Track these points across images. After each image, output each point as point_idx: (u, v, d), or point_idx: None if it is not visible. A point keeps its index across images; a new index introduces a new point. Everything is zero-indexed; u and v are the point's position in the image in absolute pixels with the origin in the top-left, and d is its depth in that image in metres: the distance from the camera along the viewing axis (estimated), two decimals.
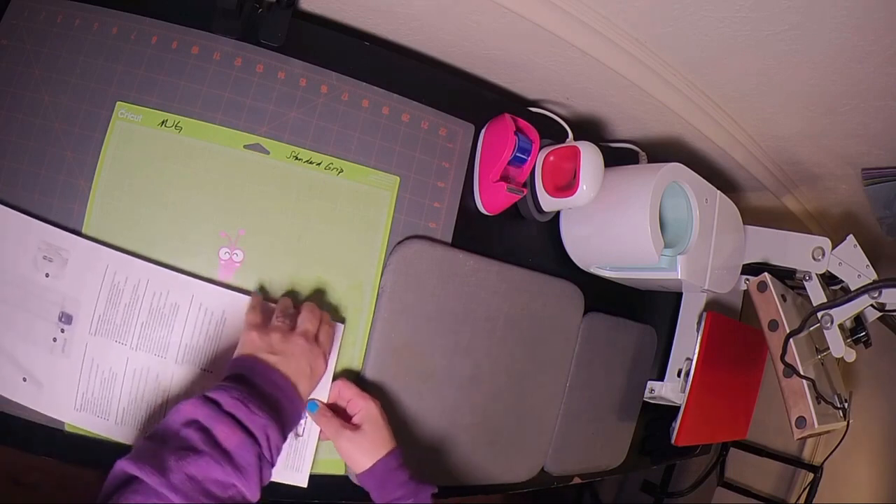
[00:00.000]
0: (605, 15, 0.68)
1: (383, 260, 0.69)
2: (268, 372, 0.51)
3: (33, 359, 0.57)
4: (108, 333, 0.57)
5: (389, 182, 0.70)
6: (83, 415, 0.57)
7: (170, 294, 0.58)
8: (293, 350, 0.53)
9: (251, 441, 0.46)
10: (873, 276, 0.82)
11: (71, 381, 0.57)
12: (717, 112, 0.87)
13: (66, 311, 0.57)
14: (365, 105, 0.69)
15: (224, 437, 0.44)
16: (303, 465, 0.63)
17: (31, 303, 0.56)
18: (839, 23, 0.60)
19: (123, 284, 0.57)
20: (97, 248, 0.57)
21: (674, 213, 0.81)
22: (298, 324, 0.57)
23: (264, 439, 0.47)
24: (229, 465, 0.43)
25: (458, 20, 0.70)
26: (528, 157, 0.72)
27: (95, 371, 0.57)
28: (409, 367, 0.70)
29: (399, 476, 0.59)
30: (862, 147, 0.88)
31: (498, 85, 0.89)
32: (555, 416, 0.85)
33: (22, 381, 0.56)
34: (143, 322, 0.58)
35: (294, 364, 0.53)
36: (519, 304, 0.79)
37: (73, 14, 0.61)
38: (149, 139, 0.60)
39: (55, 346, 0.57)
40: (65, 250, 0.56)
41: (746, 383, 1.10)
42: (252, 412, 0.46)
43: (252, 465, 0.45)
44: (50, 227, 0.57)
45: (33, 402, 0.57)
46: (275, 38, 0.64)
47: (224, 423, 0.45)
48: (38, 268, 0.56)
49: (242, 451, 0.45)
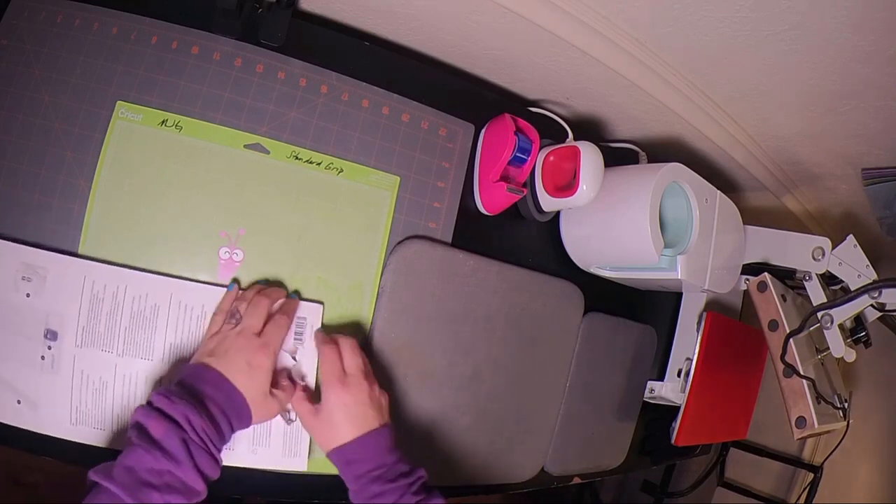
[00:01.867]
0: (605, 15, 0.68)
1: (383, 260, 0.69)
2: (199, 371, 0.54)
3: (25, 380, 0.57)
4: (94, 344, 0.57)
5: (390, 182, 0.70)
6: (80, 429, 0.57)
7: (149, 296, 0.58)
8: (226, 348, 0.55)
9: (175, 427, 0.49)
10: (873, 276, 0.82)
11: (63, 396, 0.57)
12: (717, 112, 0.87)
13: (50, 328, 0.57)
14: (365, 105, 0.69)
15: (153, 429, 0.48)
16: (300, 449, 0.63)
17: (16, 324, 0.56)
18: (839, 23, 0.60)
19: (103, 293, 0.57)
20: (73, 262, 0.57)
21: (674, 213, 0.81)
22: (242, 321, 0.58)
23: (186, 423, 0.49)
24: (158, 452, 0.47)
25: (458, 20, 0.70)
26: (528, 157, 0.72)
27: (86, 383, 0.57)
28: (408, 367, 0.70)
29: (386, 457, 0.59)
30: (862, 147, 0.88)
31: (498, 85, 0.89)
32: (555, 416, 0.85)
33: (17, 403, 0.57)
34: (126, 327, 0.58)
35: (226, 360, 0.55)
36: (519, 304, 0.79)
37: (73, 14, 0.61)
38: (149, 139, 0.60)
39: (44, 364, 0.57)
40: (42, 268, 0.56)
41: (746, 383, 1.10)
42: (172, 402, 0.50)
43: (179, 450, 0.48)
44: (25, 248, 0.56)
45: (33, 424, 0.57)
46: (275, 38, 0.64)
47: (152, 417, 0.49)
48: (18, 289, 0.56)
49: (168, 438, 0.48)
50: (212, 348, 0.56)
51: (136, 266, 0.59)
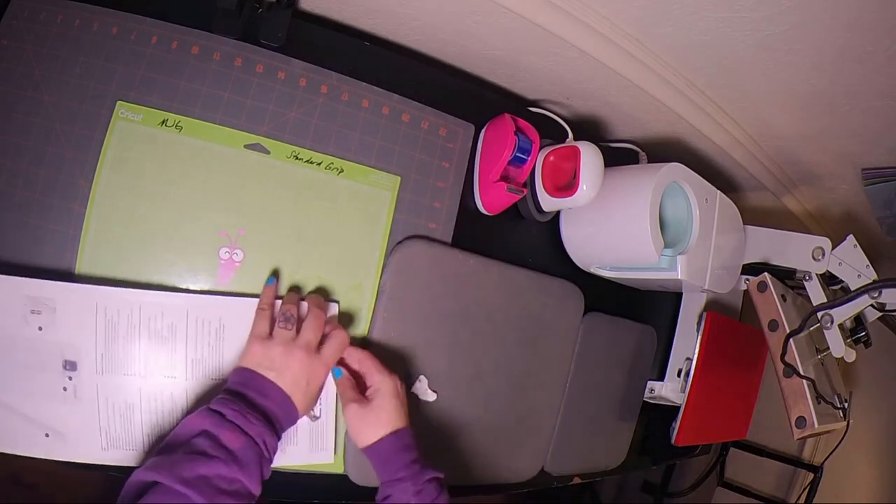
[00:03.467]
0: (605, 15, 0.68)
1: (383, 260, 0.69)
2: (265, 386, 0.55)
3: (50, 413, 0.56)
4: (115, 369, 0.57)
5: (390, 182, 0.70)
6: (112, 453, 0.57)
7: (164, 315, 0.58)
8: (291, 364, 0.56)
9: (252, 443, 0.51)
10: (873, 276, 0.82)
11: (91, 424, 0.57)
12: (717, 112, 0.87)
13: (68, 359, 0.56)
14: (365, 105, 0.69)
15: (229, 441, 0.50)
16: (326, 443, 0.65)
17: (32, 359, 0.55)
18: (839, 23, 0.60)
19: (117, 318, 0.57)
20: (82, 288, 0.56)
21: (674, 213, 0.81)
22: (301, 333, 0.58)
23: (262, 444, 0.52)
24: (234, 464, 0.49)
25: (458, 20, 0.70)
26: (528, 157, 0.72)
27: (112, 408, 0.57)
28: (408, 367, 0.70)
29: (404, 457, 0.59)
30: (862, 147, 0.88)
31: (498, 85, 0.89)
32: (555, 416, 0.85)
33: (45, 437, 0.56)
34: (146, 349, 0.58)
35: (290, 377, 0.55)
36: (519, 304, 0.79)
37: (73, 14, 0.61)
38: (149, 139, 0.60)
39: (67, 395, 0.56)
40: (50, 299, 0.55)
41: (746, 383, 1.10)
42: (250, 422, 0.51)
43: (254, 463, 0.51)
44: (27, 280, 0.55)
45: (65, 455, 0.57)
46: (275, 38, 0.64)
47: (229, 429, 0.50)
48: (29, 322, 0.55)
49: (245, 451, 0.50)
50: (272, 358, 0.55)
51: (131, 270, 0.59)
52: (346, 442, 0.67)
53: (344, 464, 0.67)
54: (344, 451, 0.67)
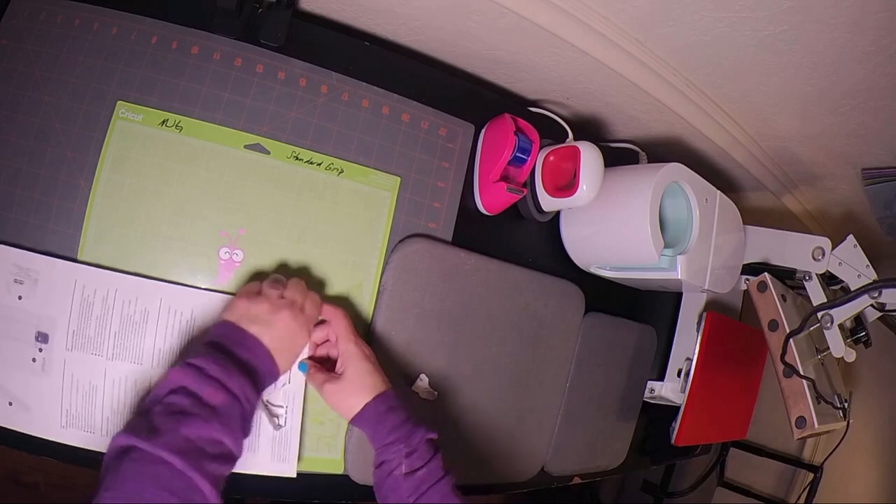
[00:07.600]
0: (605, 15, 0.68)
1: (383, 260, 0.69)
2: (247, 340, 0.53)
3: (16, 382, 0.57)
4: (84, 347, 0.57)
5: (390, 182, 0.70)
6: (69, 431, 0.57)
7: (139, 301, 0.58)
8: (277, 322, 0.55)
9: (234, 400, 0.50)
10: (873, 276, 0.82)
11: (54, 399, 0.57)
12: (717, 112, 0.87)
13: (41, 331, 0.57)
14: (365, 105, 0.69)
15: (210, 396, 0.48)
16: (289, 454, 0.63)
17: (8, 326, 0.56)
18: (840, 23, 0.60)
19: (93, 297, 0.57)
20: (64, 265, 0.57)
21: (674, 213, 0.81)
22: (286, 294, 0.58)
23: (245, 400, 0.50)
24: (216, 422, 0.48)
25: (458, 20, 0.70)
26: (528, 157, 0.72)
27: (76, 386, 0.57)
28: (408, 366, 0.70)
29: (391, 419, 0.58)
30: (862, 147, 0.88)
31: (498, 85, 0.89)
32: (555, 416, 0.85)
33: (8, 405, 0.57)
34: (116, 331, 0.58)
35: (275, 333, 0.55)
36: (519, 303, 0.79)
37: (73, 14, 0.61)
38: (149, 139, 0.60)
39: (35, 367, 0.57)
40: (34, 271, 0.56)
41: (746, 383, 1.10)
42: (230, 374, 0.50)
43: (236, 420, 0.49)
44: (16, 250, 0.56)
45: (24, 426, 0.57)
46: (275, 38, 0.64)
47: (210, 385, 0.49)
48: (11, 291, 0.56)
49: (227, 408, 0.49)
50: (256, 313, 0.55)
51: (131, 270, 0.59)
52: (346, 441, 0.67)
53: (344, 463, 0.67)
54: (344, 450, 0.67)
